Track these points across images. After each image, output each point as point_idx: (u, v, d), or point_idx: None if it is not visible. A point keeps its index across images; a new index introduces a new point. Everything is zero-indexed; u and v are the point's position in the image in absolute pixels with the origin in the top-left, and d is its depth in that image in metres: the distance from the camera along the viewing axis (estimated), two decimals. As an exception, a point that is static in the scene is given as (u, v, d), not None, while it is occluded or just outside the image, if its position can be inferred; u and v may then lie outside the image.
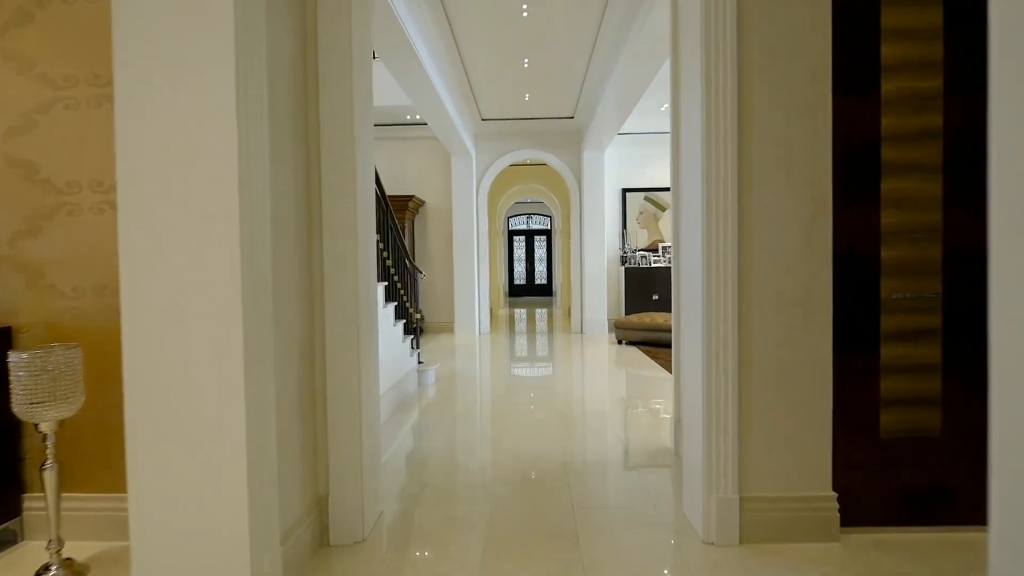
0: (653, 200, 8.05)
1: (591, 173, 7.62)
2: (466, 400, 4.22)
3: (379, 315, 3.61)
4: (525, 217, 16.99)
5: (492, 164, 7.83)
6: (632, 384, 4.71)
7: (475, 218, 7.78)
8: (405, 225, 7.49)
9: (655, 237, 8.07)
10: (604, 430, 3.36)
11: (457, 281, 7.75)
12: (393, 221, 4.43)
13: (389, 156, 8.03)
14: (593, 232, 7.66)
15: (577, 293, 7.89)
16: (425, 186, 8.03)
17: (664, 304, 7.60)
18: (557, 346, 6.82)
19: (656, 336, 6.35)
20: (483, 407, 4.08)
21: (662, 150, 8.03)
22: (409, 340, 4.43)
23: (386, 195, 4.25)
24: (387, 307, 3.87)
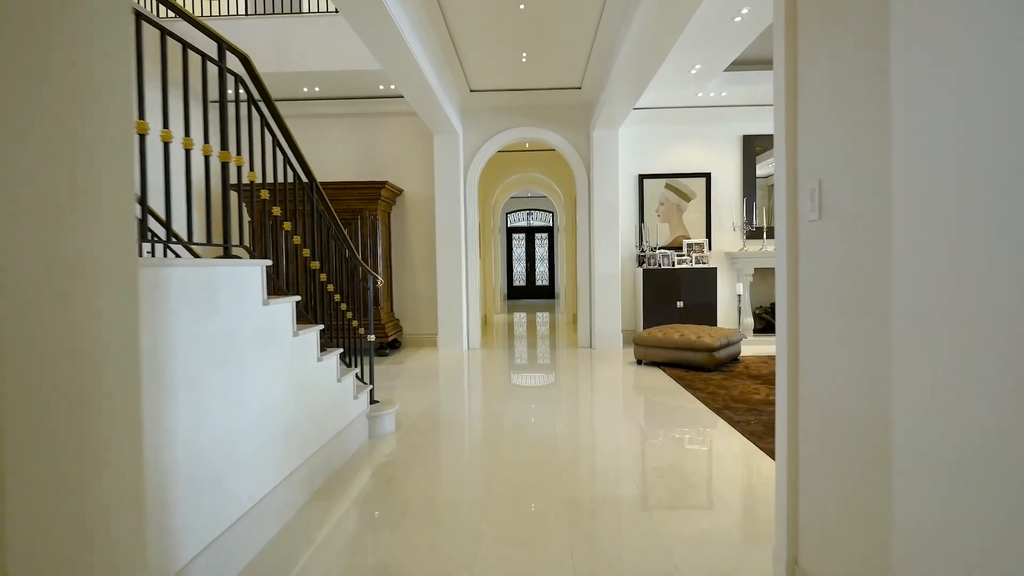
0: (676, 188, 6.74)
1: (602, 156, 6.31)
2: (431, 470, 2.91)
3: (285, 346, 2.31)
4: (525, 213, 15.70)
5: (483, 145, 6.52)
6: (676, 437, 3.40)
7: (463, 209, 6.48)
8: (378, 218, 6.19)
9: (679, 232, 6.75)
10: (647, 547, 2.05)
11: (441, 285, 6.45)
12: (329, 209, 3.14)
13: (358, 134, 6.73)
14: (605, 227, 6.35)
15: (585, 299, 6.58)
16: (403, 171, 6.73)
17: (693, 314, 6.29)
18: (562, 369, 5.51)
19: (687, 356, 5.04)
20: (455, 485, 2.77)
21: (686, 128, 6.72)
22: (351, 377, 3.12)
23: (310, 169, 2.95)
24: (303, 333, 2.57)
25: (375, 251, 6.18)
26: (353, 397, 3.12)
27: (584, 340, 6.59)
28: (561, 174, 9.10)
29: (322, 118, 6.74)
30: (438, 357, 6.08)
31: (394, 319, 6.62)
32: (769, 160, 6.75)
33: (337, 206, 6.16)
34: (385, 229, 6.51)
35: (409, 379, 4.97)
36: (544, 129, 6.48)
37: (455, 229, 6.41)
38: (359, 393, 3.21)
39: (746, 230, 6.61)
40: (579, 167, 6.53)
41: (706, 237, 6.72)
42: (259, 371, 2.13)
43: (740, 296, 6.49)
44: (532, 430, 3.41)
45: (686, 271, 6.33)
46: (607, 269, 6.36)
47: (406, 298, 6.79)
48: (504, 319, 10.31)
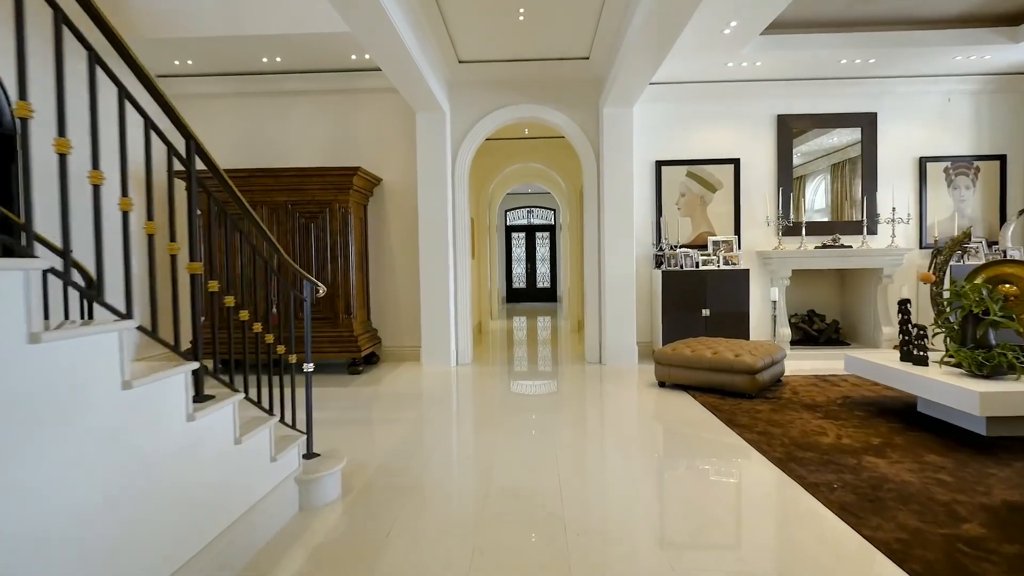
0: (699, 177, 5.79)
1: (614, 138, 5.36)
2: (383, 566, 1.96)
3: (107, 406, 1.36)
4: (525, 211, 14.76)
5: (475, 126, 5.58)
6: (735, 511, 2.44)
7: (450, 200, 5.53)
8: (350, 211, 5.24)
9: (702, 228, 5.80)
10: None
11: (425, 290, 5.50)
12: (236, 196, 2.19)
13: (329, 115, 5.78)
14: (618, 222, 5.40)
15: (594, 306, 5.63)
16: (382, 157, 5.78)
17: (721, 324, 5.33)
18: (568, 394, 4.55)
19: (723, 379, 4.08)
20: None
21: (712, 107, 5.77)
22: (266, 430, 2.17)
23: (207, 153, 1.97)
24: (152, 382, 1.61)
25: (346, 250, 5.24)
26: (270, 459, 2.17)
27: (592, 354, 5.64)
28: (565, 164, 8.15)
29: (286, 96, 5.80)
30: (420, 376, 5.13)
31: (370, 330, 5.67)
32: (808, 143, 5.80)
33: (299, 197, 5.22)
34: (359, 224, 5.57)
35: (378, 408, 4.02)
36: (546, 107, 5.53)
37: (441, 224, 5.46)
38: (283, 450, 2.26)
39: (782, 225, 5.66)
40: (587, 152, 5.57)
41: (735, 234, 5.77)
42: (52, 452, 1.19)
43: (775, 303, 5.54)
44: (531, 494, 2.46)
45: (713, 273, 5.38)
46: (620, 271, 5.40)
47: (386, 305, 5.85)
48: (501, 326, 9.36)
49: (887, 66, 5.38)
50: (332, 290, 5.22)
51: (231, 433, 1.90)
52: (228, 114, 5.84)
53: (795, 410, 3.68)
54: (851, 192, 5.79)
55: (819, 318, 6.02)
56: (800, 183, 5.82)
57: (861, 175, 5.74)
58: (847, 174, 5.79)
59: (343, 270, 5.24)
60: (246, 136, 5.84)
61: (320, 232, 5.24)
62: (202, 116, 5.84)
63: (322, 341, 5.19)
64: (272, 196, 5.22)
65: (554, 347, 6.85)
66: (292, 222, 5.24)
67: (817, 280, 6.04)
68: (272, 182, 5.18)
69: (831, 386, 4.34)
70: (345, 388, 4.65)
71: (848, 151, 5.77)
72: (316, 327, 5.21)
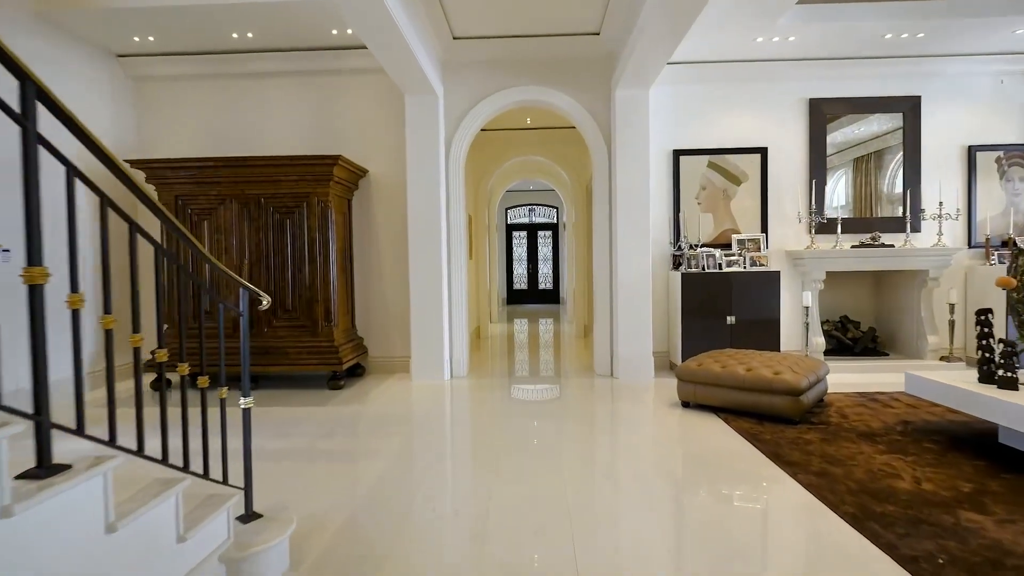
0: (722, 168, 5.19)
1: (628, 124, 4.76)
2: None
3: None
4: (526, 209, 14.18)
5: (471, 110, 4.98)
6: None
7: (443, 194, 4.93)
8: (330, 205, 4.64)
9: (726, 225, 5.21)
10: None
11: (415, 294, 4.90)
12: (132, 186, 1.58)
13: (309, 99, 5.19)
14: (632, 218, 4.80)
15: (605, 312, 5.03)
16: (368, 146, 5.19)
17: (748, 332, 4.73)
18: (579, 416, 3.96)
19: (760, 401, 3.49)
20: None
21: (736, 89, 5.17)
22: (174, 497, 1.57)
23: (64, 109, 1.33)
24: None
25: (326, 249, 4.64)
26: (177, 538, 1.57)
27: (603, 365, 5.04)
28: (570, 158, 7.56)
29: (260, 78, 5.20)
30: (409, 392, 4.54)
31: (355, 338, 5.08)
32: (844, 130, 5.20)
33: (273, 190, 4.63)
34: (342, 220, 4.97)
35: (355, 435, 3.43)
36: (550, 89, 4.94)
37: (433, 220, 4.87)
38: (201, 522, 1.67)
39: (815, 222, 5.06)
40: (596, 140, 4.98)
41: (762, 231, 5.17)
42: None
43: (807, 309, 4.94)
44: (539, 574, 1.87)
45: (739, 276, 4.78)
46: (635, 273, 4.81)
47: (372, 311, 5.25)
48: (502, 330, 8.76)
49: (935, 42, 4.78)
50: (310, 295, 4.63)
51: (100, 518, 1.30)
52: (195, 99, 5.25)
53: (850, 440, 3.08)
54: (889, 185, 5.19)
55: (853, 325, 5.42)
56: (834, 175, 5.21)
57: (903, 166, 5.14)
58: (885, 165, 5.19)
59: (323, 272, 4.65)
60: (216, 123, 5.25)
61: (297, 229, 4.65)
62: (166, 100, 5.25)
63: (299, 352, 4.60)
64: (242, 189, 4.63)
65: (559, 356, 6.26)
66: (265, 218, 4.65)
67: (850, 283, 5.45)
68: (242, 173, 4.59)
69: (882, 407, 3.74)
70: (322, 407, 4.06)
71: (887, 139, 5.17)
72: (292, 336, 4.63)
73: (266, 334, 4.66)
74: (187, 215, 4.69)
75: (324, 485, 2.63)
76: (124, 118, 5.16)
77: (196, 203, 4.69)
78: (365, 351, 5.18)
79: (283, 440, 3.28)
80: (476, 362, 5.86)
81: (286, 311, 4.66)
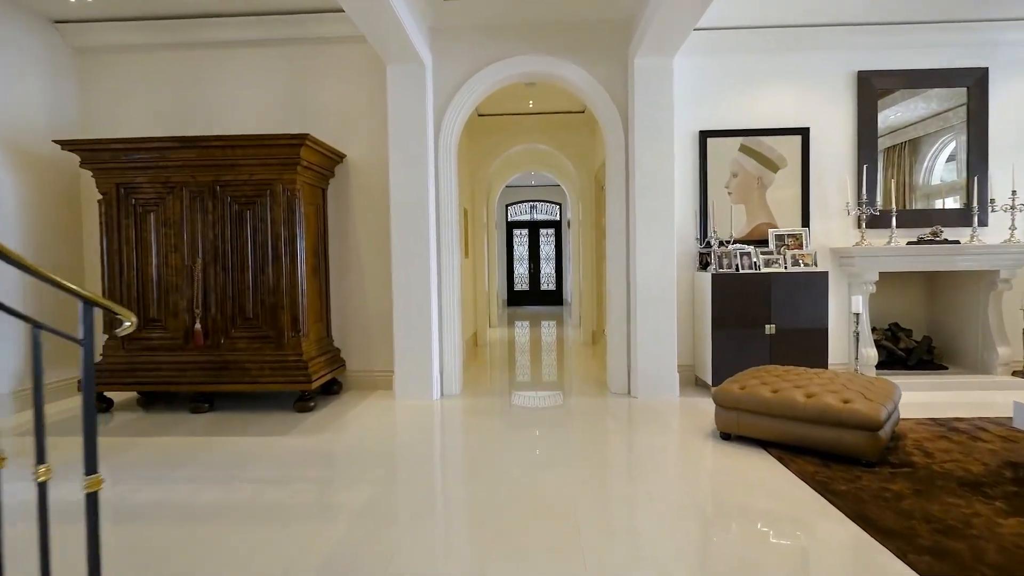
0: (756, 152, 4.48)
1: (650, 98, 4.05)
2: None
3: None
4: (528, 205, 13.49)
5: (465, 84, 4.27)
6: None
7: (431, 182, 4.22)
8: (298, 194, 3.93)
9: (761, 219, 4.49)
10: None
11: (398, 299, 4.20)
12: None
13: (276, 71, 4.49)
14: (654, 210, 4.09)
15: (620, 319, 4.32)
16: (346, 128, 4.49)
17: (791, 344, 4.02)
18: (595, 454, 3.26)
19: (826, 436, 2.77)
20: None
21: (772, 60, 4.46)
22: None
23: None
24: None
25: (294, 247, 3.93)
26: None
27: (618, 381, 4.33)
28: (577, 146, 6.86)
29: (220, 48, 4.50)
30: (391, 415, 3.83)
31: (329, 350, 4.37)
32: (897, 108, 4.48)
33: (231, 176, 3.92)
34: (315, 213, 4.26)
35: (311, 482, 2.72)
36: (557, 59, 4.22)
37: (419, 213, 4.16)
38: None
39: (866, 214, 4.34)
40: (611, 119, 4.26)
41: (803, 225, 4.46)
42: None
43: (858, 315, 4.22)
44: None
45: (780, 278, 4.07)
46: (657, 275, 4.10)
47: (351, 317, 4.55)
48: (502, 336, 8.06)
49: (1005, 3, 4.07)
50: (274, 300, 3.92)
51: None
52: (146, 72, 4.54)
53: (952, 492, 2.37)
54: (942, 170, 4.48)
55: (905, 333, 4.71)
56: (895, 157, 4.50)
57: (967, 149, 4.43)
58: (939, 149, 4.48)
59: (289, 273, 3.94)
60: (170, 101, 4.54)
61: (259, 223, 3.94)
62: (112, 74, 4.54)
63: (260, 368, 3.89)
64: (195, 175, 3.92)
65: (566, 368, 5.55)
66: (222, 209, 3.94)
67: (900, 284, 4.74)
68: (194, 156, 3.88)
69: (970, 440, 3.03)
70: (282, 438, 3.35)
71: (949, 117, 4.45)
72: (253, 349, 3.92)
73: (223, 346, 3.95)
74: (131, 207, 3.98)
75: (256, 563, 1.92)
76: (63, 94, 4.46)
77: (141, 193, 3.98)
78: (342, 364, 4.47)
79: (221, 488, 2.58)
80: (471, 376, 5.15)
81: (246, 319, 3.95)
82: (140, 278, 3.99)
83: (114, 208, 3.97)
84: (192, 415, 3.91)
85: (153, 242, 3.99)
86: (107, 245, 3.97)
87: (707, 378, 4.18)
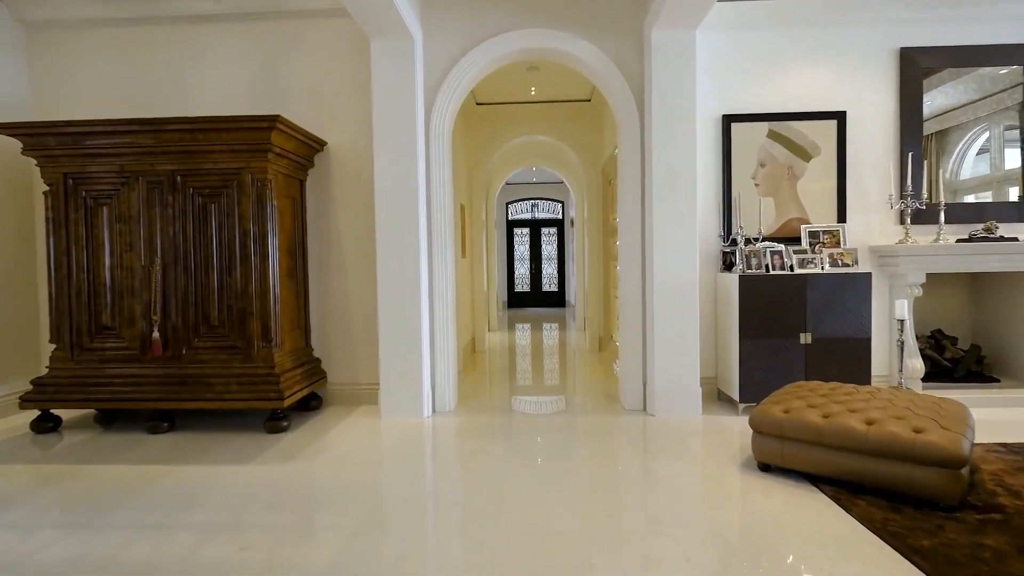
0: (786, 138, 4.00)
1: (669, 77, 3.58)
2: None
3: None
4: (529, 203, 13.02)
5: (459, 62, 3.80)
6: None
7: (422, 172, 3.75)
8: (269, 185, 3.46)
9: (791, 213, 4.02)
10: None
11: (384, 304, 3.72)
12: None
13: (250, 48, 4.02)
14: (673, 203, 3.61)
15: (635, 326, 3.85)
16: (327, 112, 4.02)
17: (830, 354, 3.54)
18: (612, 491, 2.79)
19: (889, 473, 2.29)
20: None
21: (803, 36, 3.99)
22: None
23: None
24: None
25: (264, 245, 3.46)
26: None
27: (632, 396, 3.85)
28: (582, 137, 6.39)
29: (187, 24, 4.03)
30: (375, 436, 3.36)
31: (308, 361, 3.90)
32: (945, 87, 4.00)
33: (194, 164, 3.45)
34: (290, 206, 3.79)
35: (270, 531, 2.24)
36: (564, 33, 3.75)
37: (408, 206, 3.68)
38: None
39: (911, 208, 3.86)
40: (625, 101, 3.79)
41: (839, 221, 3.98)
42: None
43: (902, 322, 3.74)
44: None
45: (818, 280, 3.58)
46: (677, 276, 3.62)
47: (333, 325, 4.07)
48: (501, 341, 7.58)
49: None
50: (242, 306, 3.45)
51: None
52: (104, 50, 4.07)
53: (1064, 550, 1.89)
54: (995, 159, 4.01)
55: (950, 341, 4.23)
56: (940, 144, 4.02)
57: (1021, 133, 3.95)
58: (988, 137, 4.01)
59: (260, 275, 3.46)
60: (131, 82, 4.07)
61: (225, 218, 3.47)
62: (67, 52, 4.08)
63: (227, 382, 3.42)
64: (153, 164, 3.45)
65: (573, 379, 5.07)
66: (183, 203, 3.47)
67: (944, 287, 4.26)
68: (151, 142, 3.41)
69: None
70: (245, 466, 2.87)
71: (1003, 99, 3.98)
72: (218, 361, 3.45)
73: (184, 357, 3.48)
74: (80, 200, 3.51)
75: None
76: (12, 73, 3.99)
77: (92, 184, 3.51)
78: (323, 377, 3.99)
79: (155, 540, 2.10)
80: (467, 388, 4.67)
81: (211, 328, 3.48)
82: (91, 281, 3.52)
83: (61, 201, 3.49)
84: (149, 436, 3.44)
85: (106, 240, 3.52)
86: (54, 243, 3.50)
87: (733, 393, 3.70)
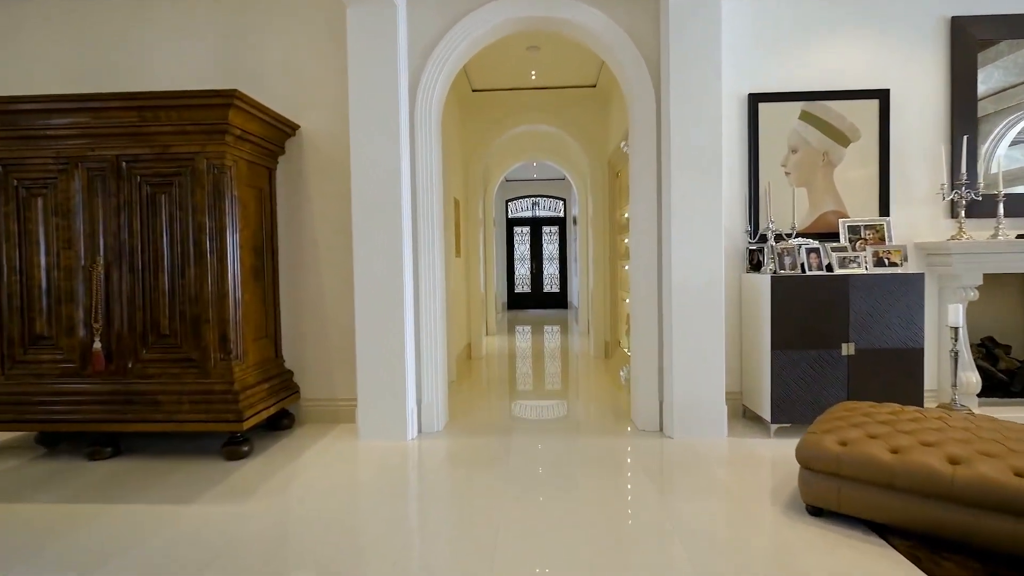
0: (820, 120, 3.52)
1: (689, 47, 3.10)
2: None
3: None
4: (529, 201, 12.55)
5: (449, 32, 3.32)
6: None
7: (406, 157, 3.27)
8: (229, 172, 2.99)
9: (828, 206, 3.54)
10: None
11: (361, 310, 3.24)
12: None
13: (213, 20, 3.55)
14: (695, 193, 3.14)
15: (650, 334, 3.37)
16: (300, 92, 3.54)
17: (876, 367, 3.06)
18: (622, 542, 2.30)
19: (986, 527, 1.81)
20: None
21: (840, 4, 3.50)
22: None
23: None
24: None
25: (223, 242, 2.98)
26: None
27: (646, 414, 3.37)
28: (586, 126, 5.92)
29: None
30: (348, 466, 2.88)
31: (278, 374, 3.42)
32: (1004, 61, 3.52)
33: (141, 148, 2.98)
34: (255, 197, 3.32)
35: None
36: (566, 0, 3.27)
37: (389, 197, 3.20)
38: None
39: (966, 199, 3.38)
40: (638, 77, 3.31)
41: (881, 214, 3.50)
42: None
43: (955, 330, 3.25)
44: None
45: (862, 281, 3.10)
46: (699, 277, 3.14)
47: (307, 333, 3.60)
48: (500, 346, 7.11)
49: None
50: (196, 311, 2.98)
51: None
52: (46, 20, 3.60)
53: None
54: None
55: (1003, 350, 3.76)
56: (995, 127, 3.54)
57: (1091, 117, 3.47)
58: None
59: (217, 276, 2.99)
60: (77, 57, 3.60)
61: (177, 209, 2.99)
62: (7, 23, 3.61)
63: (178, 400, 2.94)
64: (93, 147, 2.98)
65: (578, 390, 4.60)
66: (129, 193, 3.00)
67: (995, 289, 3.78)
68: (90, 121, 2.94)
69: None
70: (187, 507, 2.40)
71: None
72: (168, 376, 2.98)
73: (130, 371, 3.01)
74: (11, 189, 3.04)
75: None
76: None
77: (25, 171, 3.04)
78: (295, 392, 3.52)
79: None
80: (460, 403, 4.19)
81: (161, 337, 3.01)
82: (24, 283, 3.05)
83: None
84: (89, 463, 2.97)
85: (41, 236, 3.05)
86: None
87: (762, 412, 3.22)
